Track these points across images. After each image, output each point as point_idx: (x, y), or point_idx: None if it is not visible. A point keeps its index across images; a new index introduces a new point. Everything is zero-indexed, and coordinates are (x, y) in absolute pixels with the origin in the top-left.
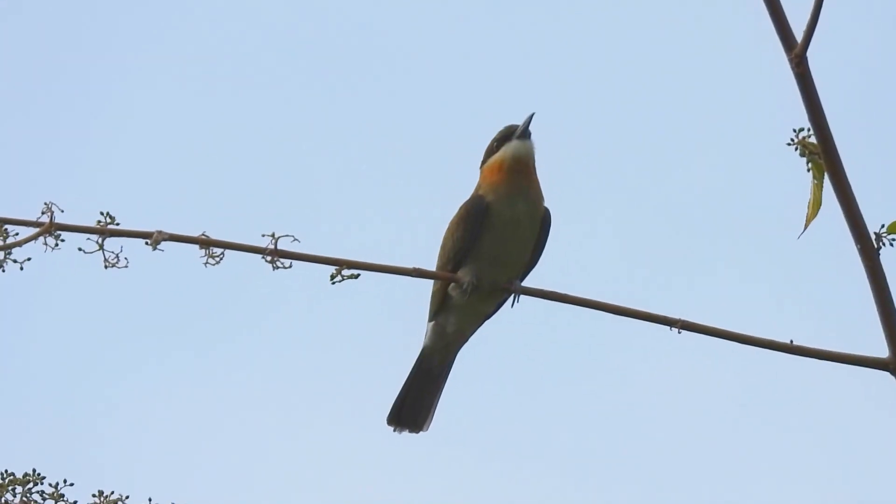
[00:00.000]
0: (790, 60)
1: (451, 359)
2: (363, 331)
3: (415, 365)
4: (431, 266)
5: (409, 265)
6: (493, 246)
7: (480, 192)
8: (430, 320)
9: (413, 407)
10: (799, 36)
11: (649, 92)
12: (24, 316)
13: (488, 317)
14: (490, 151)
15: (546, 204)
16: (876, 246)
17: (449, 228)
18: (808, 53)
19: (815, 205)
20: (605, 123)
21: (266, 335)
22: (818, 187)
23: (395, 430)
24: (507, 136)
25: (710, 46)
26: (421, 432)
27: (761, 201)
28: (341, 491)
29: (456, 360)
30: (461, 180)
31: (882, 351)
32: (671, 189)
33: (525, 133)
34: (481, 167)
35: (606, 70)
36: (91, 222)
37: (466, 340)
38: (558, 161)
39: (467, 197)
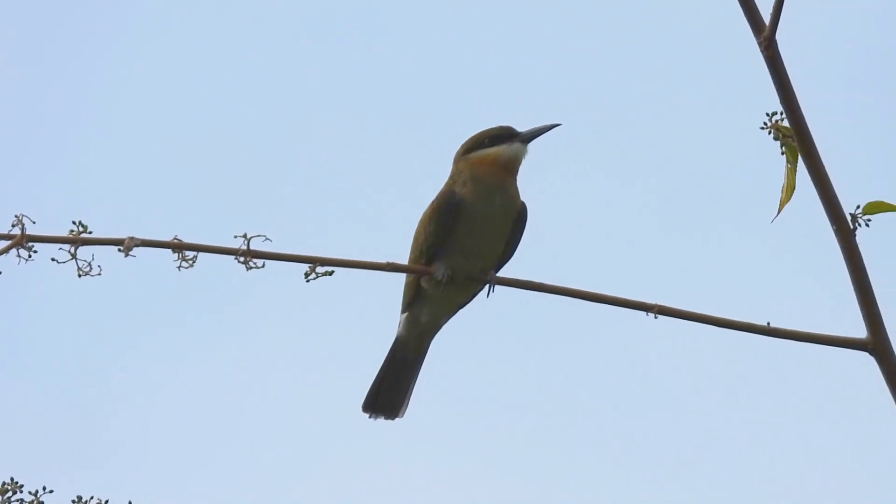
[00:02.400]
0: (759, 44)
1: (425, 347)
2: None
3: (389, 353)
4: (404, 258)
5: (382, 259)
6: (466, 239)
7: (454, 185)
8: (403, 311)
9: (389, 394)
10: (767, 18)
11: (620, 78)
12: None
13: (462, 306)
14: (478, 145)
15: (522, 198)
16: (852, 227)
17: (421, 222)
18: (778, 36)
19: (789, 188)
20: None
21: (243, 335)
22: (792, 171)
23: (370, 417)
24: (503, 136)
25: (682, 31)
26: (397, 419)
27: (736, 185)
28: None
29: (432, 348)
30: (431, 173)
31: (860, 331)
32: (645, 174)
33: (531, 139)
34: (459, 158)
35: (575, 54)
36: (62, 232)
37: (440, 328)
38: (531, 146)
39: (439, 189)
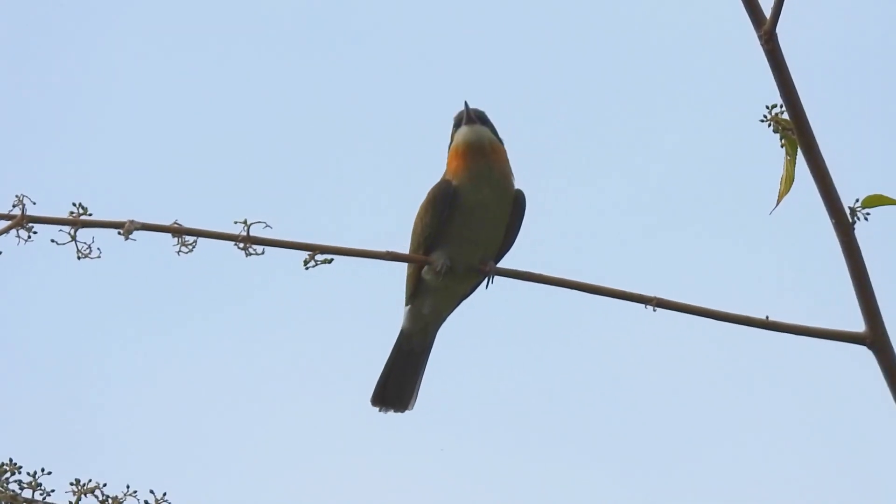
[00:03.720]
0: (760, 37)
1: (430, 339)
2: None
3: (394, 346)
4: (405, 249)
5: (383, 248)
6: (463, 228)
7: (447, 177)
8: (406, 303)
9: (396, 387)
10: (768, 12)
11: (621, 70)
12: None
13: (464, 297)
14: (451, 137)
15: (519, 185)
16: (851, 220)
17: (418, 213)
18: (778, 30)
19: (788, 180)
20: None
21: (242, 322)
22: (791, 163)
23: (380, 411)
24: (456, 123)
25: (682, 24)
26: (406, 411)
27: (735, 178)
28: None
29: (437, 339)
30: (431, 162)
31: (858, 325)
32: (645, 166)
33: (469, 119)
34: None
35: (576, 47)
36: (62, 214)
37: (444, 321)
38: (531, 140)
39: (436, 180)
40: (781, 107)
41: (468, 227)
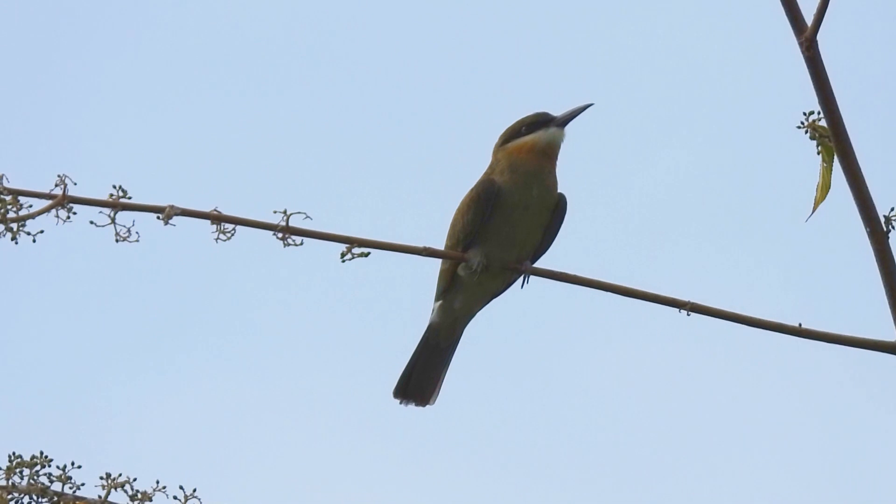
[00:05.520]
0: (800, 44)
1: (458, 334)
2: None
3: (421, 340)
4: (440, 245)
5: (419, 244)
6: (503, 228)
7: (493, 174)
8: (437, 299)
9: (419, 381)
10: (809, 19)
11: (661, 75)
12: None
13: (496, 295)
14: (515, 134)
15: (560, 189)
16: (885, 229)
17: (459, 210)
18: (819, 37)
19: (824, 188)
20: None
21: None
22: (827, 170)
23: (401, 403)
24: (539, 122)
25: (721, 30)
26: (427, 406)
27: (771, 184)
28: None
29: (464, 337)
30: (471, 160)
31: (890, 334)
32: (681, 171)
33: (565, 122)
34: (498, 148)
35: (616, 54)
36: (103, 196)
37: (473, 316)
38: (571, 142)
39: (477, 178)
40: (819, 113)
41: (508, 226)
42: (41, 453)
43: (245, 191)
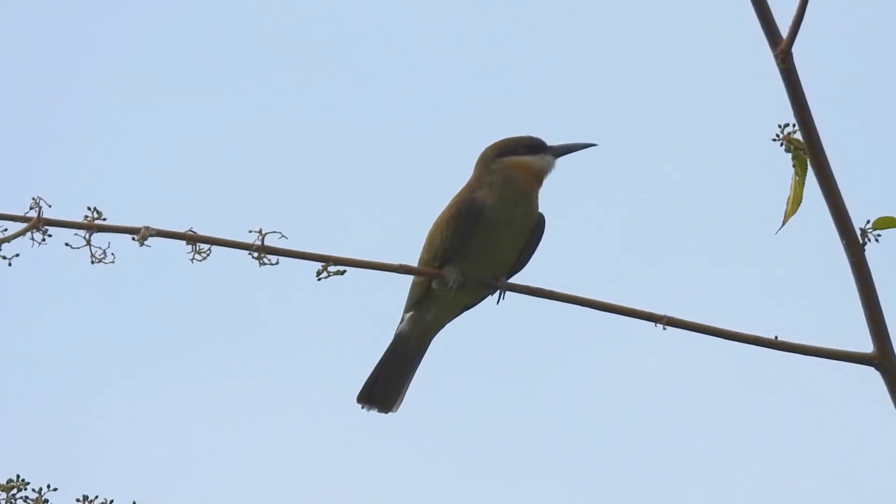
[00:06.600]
0: (775, 56)
1: (426, 344)
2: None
3: (389, 348)
4: (415, 257)
5: (394, 261)
6: (483, 245)
7: (477, 188)
8: (407, 310)
9: (385, 387)
10: (784, 31)
11: (634, 88)
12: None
13: (468, 307)
14: (511, 151)
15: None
16: (861, 241)
17: (437, 225)
18: (794, 49)
19: (795, 201)
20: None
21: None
22: (799, 183)
23: (364, 409)
24: (535, 146)
25: (696, 42)
26: (390, 413)
27: (748, 197)
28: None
29: (444, 350)
30: (446, 176)
31: (866, 346)
32: (655, 185)
33: (562, 154)
34: (491, 160)
35: (591, 66)
36: (78, 217)
37: (443, 327)
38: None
39: (454, 193)
40: (794, 126)
41: (488, 243)
42: (17, 476)
43: (221, 210)
